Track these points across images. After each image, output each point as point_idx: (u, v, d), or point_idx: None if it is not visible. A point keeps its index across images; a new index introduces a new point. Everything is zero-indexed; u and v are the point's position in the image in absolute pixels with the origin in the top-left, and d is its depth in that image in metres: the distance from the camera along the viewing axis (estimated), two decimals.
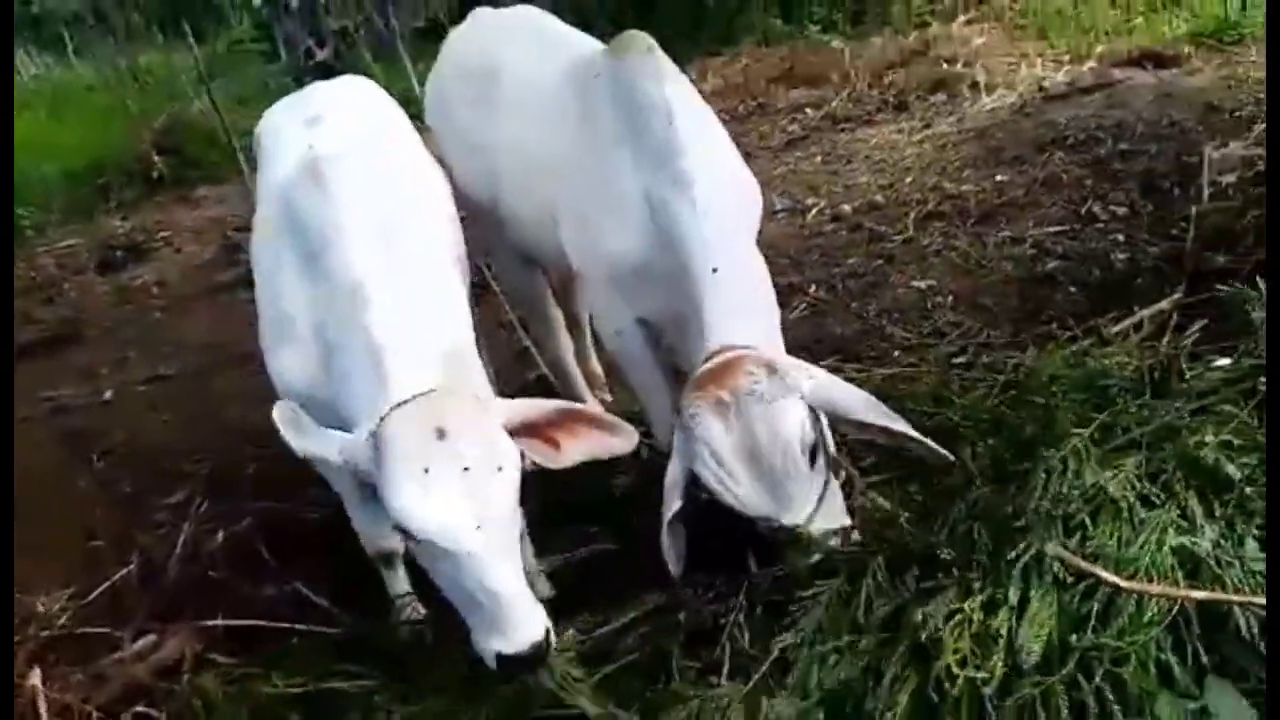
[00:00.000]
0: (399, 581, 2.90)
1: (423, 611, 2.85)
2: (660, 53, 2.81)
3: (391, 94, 3.34)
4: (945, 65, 7.74)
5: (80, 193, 8.23)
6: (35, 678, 2.44)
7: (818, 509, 2.35)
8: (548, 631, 2.08)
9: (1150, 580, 2.03)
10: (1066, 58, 7.61)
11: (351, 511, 2.78)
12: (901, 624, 2.14)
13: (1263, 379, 2.42)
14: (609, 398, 4.08)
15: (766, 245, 3.12)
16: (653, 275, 2.61)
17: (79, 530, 3.72)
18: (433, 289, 2.60)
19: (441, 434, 2.01)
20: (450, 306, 2.69)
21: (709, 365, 2.39)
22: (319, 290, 2.41)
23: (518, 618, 2.03)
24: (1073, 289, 4.33)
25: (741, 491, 2.33)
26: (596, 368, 4.17)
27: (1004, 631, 2.05)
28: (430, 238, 2.78)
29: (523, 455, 2.17)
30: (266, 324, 2.61)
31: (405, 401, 2.08)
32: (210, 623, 2.91)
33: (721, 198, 2.62)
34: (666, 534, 2.45)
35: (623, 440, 2.31)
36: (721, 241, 2.53)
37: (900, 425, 2.44)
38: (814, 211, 5.78)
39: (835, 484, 2.45)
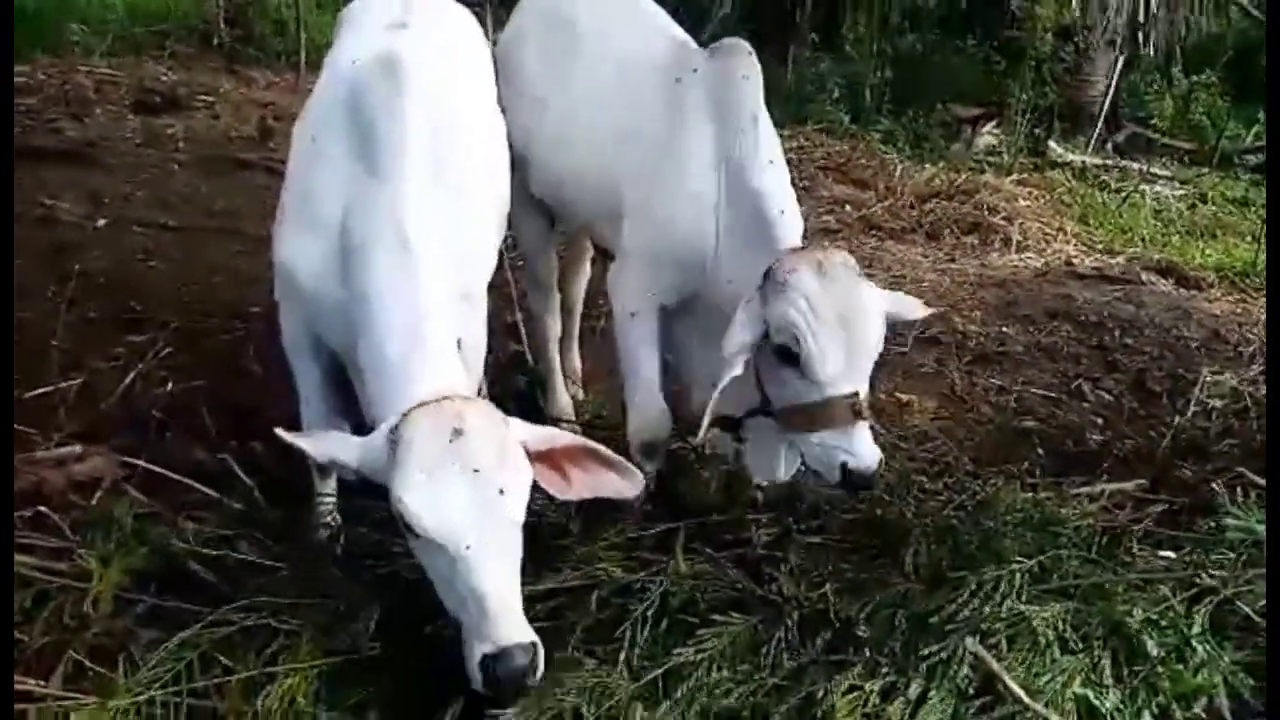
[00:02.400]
0: (326, 485, 2.86)
1: (338, 521, 2.83)
2: (757, 62, 2.96)
3: None
4: (986, 212, 7.91)
5: (138, 31, 8.19)
6: None
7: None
8: (535, 645, 2.01)
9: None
10: (1099, 246, 7.84)
11: (306, 417, 2.76)
12: (800, 680, 2.17)
13: (1204, 575, 2.50)
14: (580, 395, 4.11)
15: None
16: (699, 256, 2.82)
17: (33, 333, 3.67)
18: (467, 223, 2.62)
19: (458, 434, 1.99)
20: (477, 246, 2.71)
21: (798, 247, 2.61)
22: (359, 176, 2.40)
23: (506, 623, 1.98)
24: (1041, 451, 4.42)
25: (826, 343, 2.47)
26: (576, 361, 4.21)
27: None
28: (478, 175, 2.81)
29: None
30: (291, 202, 2.57)
31: (428, 402, 2.06)
32: (135, 460, 2.87)
33: (787, 189, 2.88)
34: (715, 399, 2.57)
35: (630, 484, 2.29)
36: (788, 199, 2.81)
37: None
38: None
39: None
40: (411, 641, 2.23)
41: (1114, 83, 9.73)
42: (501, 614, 1.97)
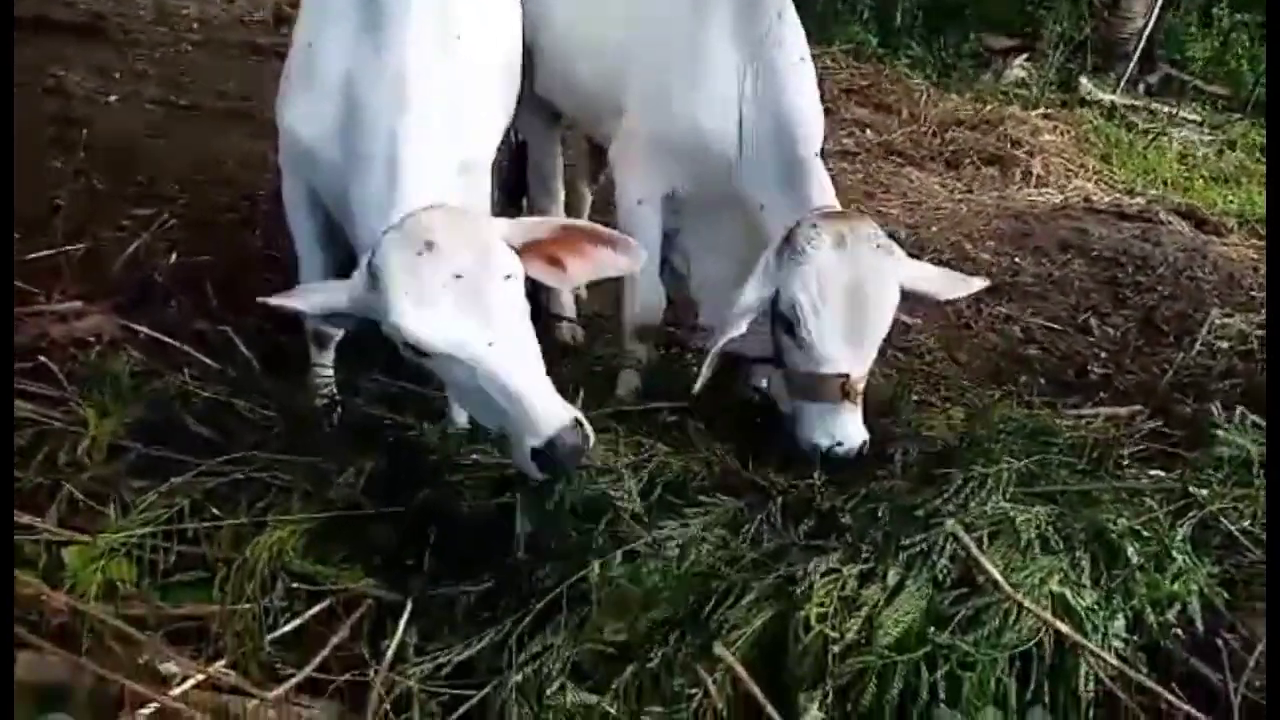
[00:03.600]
0: (324, 356, 2.88)
1: (335, 393, 2.85)
2: None
3: None
4: (1010, 145, 7.79)
5: None
6: None
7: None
8: (578, 421, 2.00)
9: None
10: (1120, 186, 7.72)
11: (303, 275, 2.75)
12: (779, 559, 2.20)
13: (1190, 489, 2.51)
14: (584, 294, 4.11)
15: None
16: (718, 151, 2.73)
17: (41, 198, 3.66)
18: (471, 93, 2.59)
19: (430, 245, 1.98)
20: (482, 118, 2.68)
21: (827, 210, 2.50)
22: (363, 39, 2.39)
23: (541, 409, 1.97)
24: (1043, 379, 4.41)
25: (826, 324, 2.41)
26: None
27: (870, 604, 2.11)
28: (489, 47, 2.77)
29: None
30: (296, 63, 2.56)
31: (394, 225, 2.05)
32: (136, 326, 2.88)
33: (815, 98, 2.77)
34: (714, 354, 2.51)
35: (629, 258, 2.26)
36: (818, 127, 2.68)
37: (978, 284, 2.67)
38: None
39: None
40: (402, 504, 2.26)
41: (1152, 20, 9.47)
42: (537, 403, 1.97)
